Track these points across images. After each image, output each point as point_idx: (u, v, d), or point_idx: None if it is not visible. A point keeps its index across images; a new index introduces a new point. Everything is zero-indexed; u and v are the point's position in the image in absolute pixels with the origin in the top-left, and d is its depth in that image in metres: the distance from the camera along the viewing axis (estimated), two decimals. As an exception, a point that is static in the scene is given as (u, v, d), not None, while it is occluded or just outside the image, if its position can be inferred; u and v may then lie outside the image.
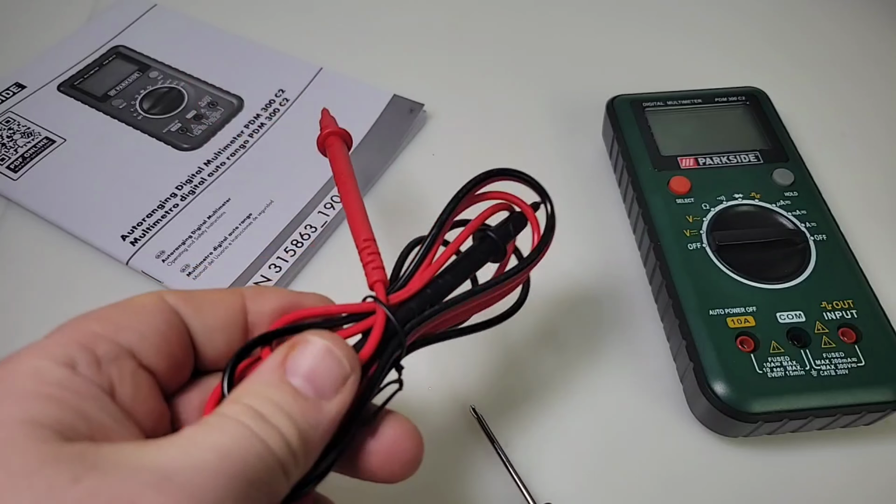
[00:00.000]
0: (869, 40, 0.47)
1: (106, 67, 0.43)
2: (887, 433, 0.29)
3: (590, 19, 0.48)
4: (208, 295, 0.19)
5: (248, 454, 0.15)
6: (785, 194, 0.33)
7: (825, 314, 0.29)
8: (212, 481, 0.14)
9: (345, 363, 0.18)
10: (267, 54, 0.44)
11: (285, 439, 0.16)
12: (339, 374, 0.17)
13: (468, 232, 0.22)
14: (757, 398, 0.27)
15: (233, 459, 0.15)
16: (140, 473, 0.14)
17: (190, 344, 0.19)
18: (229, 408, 0.16)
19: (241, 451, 0.15)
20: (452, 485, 0.28)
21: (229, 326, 0.19)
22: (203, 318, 0.19)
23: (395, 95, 0.41)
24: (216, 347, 0.19)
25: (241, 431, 0.15)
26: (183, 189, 0.37)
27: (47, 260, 0.35)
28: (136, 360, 0.17)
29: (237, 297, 0.20)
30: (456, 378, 0.31)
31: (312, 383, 0.17)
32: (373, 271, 0.21)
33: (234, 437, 0.15)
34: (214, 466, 0.14)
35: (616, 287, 0.34)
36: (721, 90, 0.38)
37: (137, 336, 0.17)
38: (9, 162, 0.38)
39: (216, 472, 0.14)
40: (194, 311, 0.19)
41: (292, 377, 0.17)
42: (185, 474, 0.14)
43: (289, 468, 0.16)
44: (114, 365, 0.16)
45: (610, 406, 0.30)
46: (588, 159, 0.40)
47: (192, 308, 0.19)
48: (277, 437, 0.16)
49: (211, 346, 0.19)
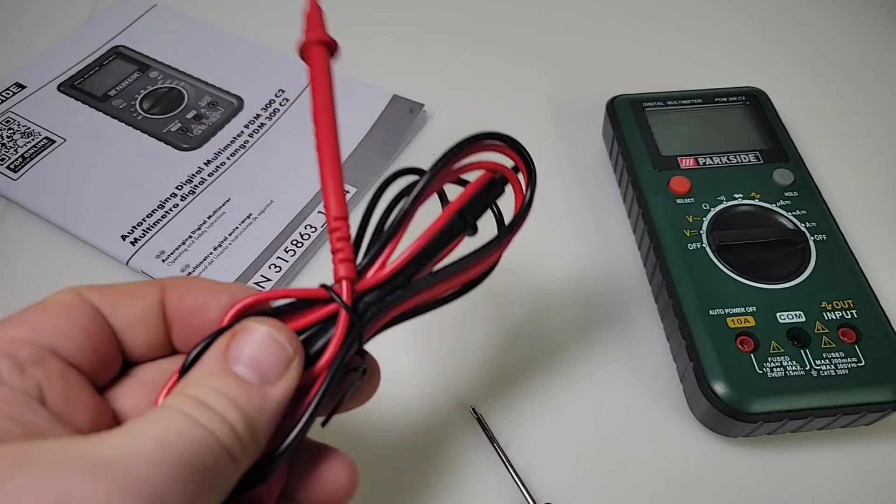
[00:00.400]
0: (869, 40, 0.47)
1: (106, 67, 0.43)
2: (887, 433, 0.29)
3: (590, 19, 0.48)
4: (125, 289, 0.19)
5: (191, 442, 0.15)
6: (785, 194, 0.33)
7: (825, 314, 0.29)
8: (152, 469, 0.14)
9: (287, 347, 0.18)
10: (267, 54, 0.44)
11: (230, 425, 0.16)
12: (281, 358, 0.18)
13: (444, 217, 0.21)
14: (757, 398, 0.27)
15: (175, 447, 0.14)
16: (75, 463, 0.13)
17: (114, 337, 0.19)
18: (172, 399, 0.16)
19: (183, 440, 0.15)
20: (452, 485, 0.28)
21: (146, 321, 0.19)
22: (120, 312, 0.19)
23: (395, 95, 0.41)
24: (137, 341, 0.19)
25: (183, 420, 0.15)
26: (183, 189, 0.37)
27: (47, 260, 0.35)
28: (61, 359, 0.17)
29: (155, 290, 0.19)
30: (456, 378, 0.31)
31: (255, 369, 0.17)
32: (340, 264, 0.20)
33: (176, 426, 0.15)
34: (155, 455, 0.14)
35: (616, 287, 0.34)
36: (721, 90, 0.38)
37: (58, 335, 0.17)
38: (9, 162, 0.38)
39: (157, 460, 0.14)
40: (111, 306, 0.19)
41: (235, 365, 0.17)
42: (123, 462, 0.14)
43: (236, 454, 0.16)
44: (38, 367, 0.16)
45: (610, 406, 0.30)
46: (588, 159, 0.40)
47: (109, 303, 0.19)
48: (221, 423, 0.16)
49: (132, 339, 0.19)
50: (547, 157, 0.40)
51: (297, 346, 0.18)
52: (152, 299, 0.19)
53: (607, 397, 0.30)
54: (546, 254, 0.35)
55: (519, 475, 0.27)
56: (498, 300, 0.34)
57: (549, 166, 0.39)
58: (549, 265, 0.35)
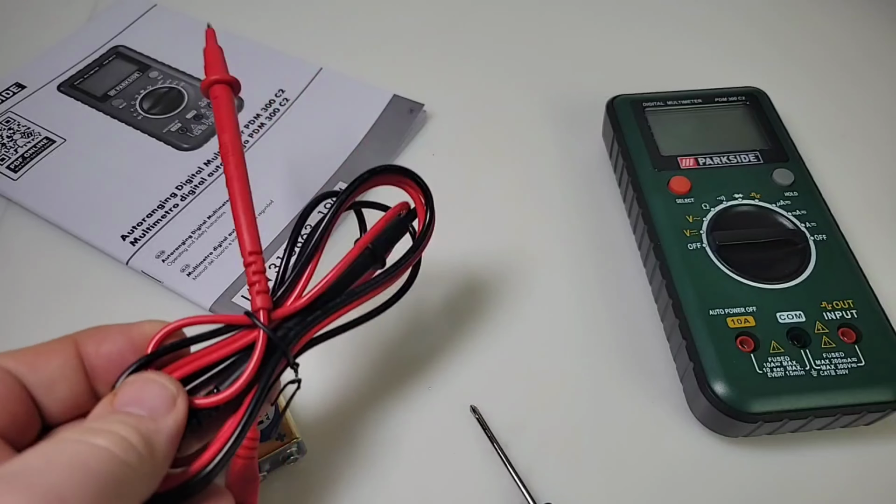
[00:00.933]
0: (869, 40, 0.47)
1: (106, 67, 0.43)
2: (887, 433, 0.29)
3: (590, 19, 0.48)
4: (39, 349, 0.20)
5: (85, 455, 0.16)
6: (785, 194, 0.33)
7: (825, 314, 0.29)
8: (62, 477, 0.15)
9: (168, 385, 0.19)
10: (267, 54, 0.44)
11: (125, 440, 0.17)
12: (165, 395, 0.18)
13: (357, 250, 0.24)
14: (757, 398, 0.27)
15: (74, 457, 0.16)
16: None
17: (30, 401, 0.19)
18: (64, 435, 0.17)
19: (77, 454, 0.16)
20: (453, 485, 0.28)
21: (68, 376, 0.20)
22: (38, 373, 0.19)
23: (395, 95, 0.41)
24: (59, 398, 0.20)
25: (76, 440, 0.16)
26: (183, 189, 0.37)
27: (47, 260, 0.35)
28: None
29: (69, 344, 0.20)
30: (456, 378, 0.31)
31: (142, 406, 0.18)
32: (257, 296, 0.21)
33: (71, 446, 0.16)
34: (64, 465, 0.15)
35: (616, 287, 0.34)
36: (721, 90, 0.38)
37: None
38: (9, 162, 0.38)
39: (67, 469, 0.15)
40: (28, 368, 0.19)
41: (122, 408, 0.18)
42: (34, 472, 0.15)
43: (133, 464, 0.17)
44: None
45: (610, 406, 0.30)
46: (588, 159, 0.40)
47: (25, 366, 0.19)
48: (112, 436, 0.17)
49: (53, 398, 0.20)
50: (547, 157, 0.40)
51: (176, 385, 0.19)
52: (69, 353, 0.20)
53: (607, 397, 0.30)
54: (545, 254, 0.35)
55: (519, 475, 0.27)
56: (497, 300, 0.34)
57: (548, 166, 0.39)
58: (549, 265, 0.35)
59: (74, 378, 0.20)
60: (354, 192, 0.24)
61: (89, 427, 0.17)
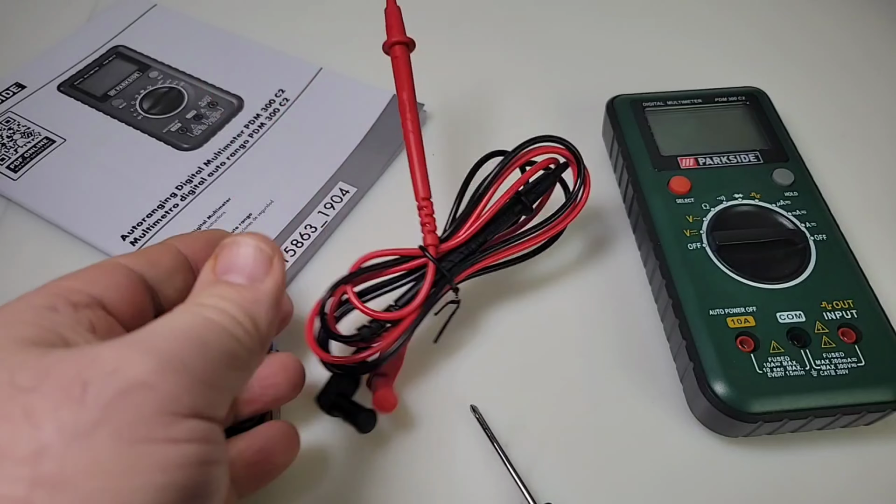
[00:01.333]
0: (869, 40, 0.47)
1: (106, 67, 0.43)
2: (887, 433, 0.29)
3: (590, 19, 0.48)
4: (150, 251, 0.23)
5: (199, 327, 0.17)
6: (785, 194, 0.33)
7: (825, 314, 0.29)
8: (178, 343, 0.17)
9: (264, 248, 0.20)
10: (267, 54, 0.44)
11: (229, 314, 0.18)
12: (261, 258, 0.20)
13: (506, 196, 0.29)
14: (757, 398, 0.27)
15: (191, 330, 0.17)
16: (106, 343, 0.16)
17: (147, 292, 0.21)
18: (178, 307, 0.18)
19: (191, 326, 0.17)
20: (453, 485, 0.28)
21: (180, 268, 0.23)
22: (157, 267, 0.22)
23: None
24: (178, 288, 0.22)
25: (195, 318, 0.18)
26: (183, 189, 0.37)
27: (47, 260, 0.35)
28: (104, 308, 0.20)
29: (170, 246, 0.23)
30: (456, 378, 0.31)
31: (241, 273, 0.20)
32: (428, 234, 0.28)
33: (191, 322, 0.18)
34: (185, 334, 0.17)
35: (616, 287, 0.34)
36: (721, 90, 0.38)
37: (103, 288, 0.20)
38: (9, 162, 0.38)
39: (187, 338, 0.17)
40: (149, 265, 0.22)
41: (223, 276, 0.20)
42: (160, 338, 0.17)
43: (241, 338, 0.18)
44: (87, 310, 0.19)
45: (610, 406, 0.30)
46: (588, 159, 0.39)
47: (145, 263, 0.22)
48: (221, 313, 0.18)
49: (172, 287, 0.22)
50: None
51: (273, 246, 0.21)
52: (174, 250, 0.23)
53: (607, 397, 0.30)
54: (545, 254, 0.35)
55: (519, 475, 0.27)
56: (497, 300, 0.34)
57: (549, 166, 0.39)
58: (548, 265, 0.35)
59: (186, 271, 0.23)
60: (519, 155, 0.30)
61: (199, 301, 0.18)
